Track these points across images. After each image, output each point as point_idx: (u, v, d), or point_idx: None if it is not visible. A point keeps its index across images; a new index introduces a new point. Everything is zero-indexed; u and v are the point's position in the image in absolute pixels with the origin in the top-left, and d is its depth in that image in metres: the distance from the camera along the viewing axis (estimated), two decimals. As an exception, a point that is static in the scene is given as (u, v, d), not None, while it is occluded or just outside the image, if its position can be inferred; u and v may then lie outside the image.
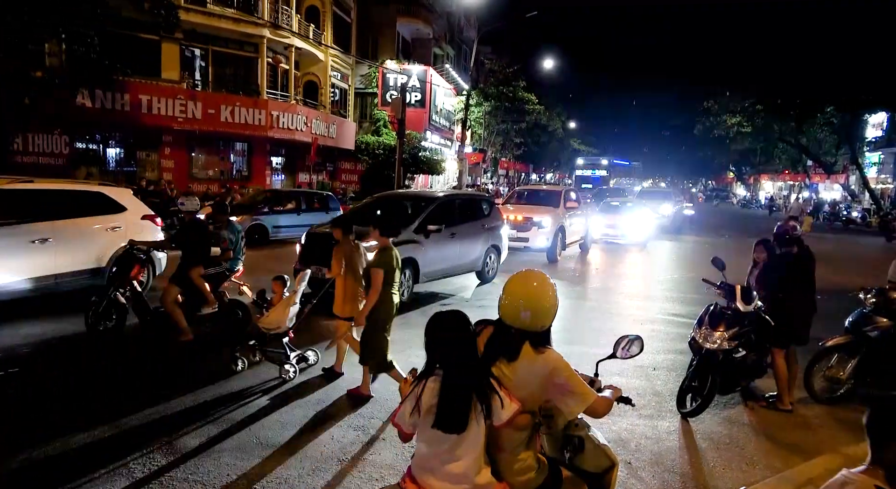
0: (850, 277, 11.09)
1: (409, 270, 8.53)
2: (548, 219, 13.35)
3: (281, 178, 24.62)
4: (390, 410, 4.86)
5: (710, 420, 4.95)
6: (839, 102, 29.92)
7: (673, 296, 10.48)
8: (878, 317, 5.34)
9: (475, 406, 2.06)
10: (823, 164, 42.21)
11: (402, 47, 31.08)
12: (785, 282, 5.24)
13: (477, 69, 34.22)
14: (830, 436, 4.75)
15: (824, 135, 39.66)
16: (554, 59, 38.14)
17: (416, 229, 8.82)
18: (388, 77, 27.18)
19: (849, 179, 42.08)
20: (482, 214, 10.68)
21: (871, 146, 40.60)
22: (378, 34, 29.29)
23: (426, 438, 2.12)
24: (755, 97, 34.39)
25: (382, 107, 27.57)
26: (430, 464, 2.11)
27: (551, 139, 49.41)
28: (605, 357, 2.75)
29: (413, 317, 7.92)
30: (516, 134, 41.67)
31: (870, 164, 40.81)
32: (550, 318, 2.29)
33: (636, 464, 4.15)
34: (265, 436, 4.34)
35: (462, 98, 33.42)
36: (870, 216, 31.40)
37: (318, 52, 24.90)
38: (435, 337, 2.17)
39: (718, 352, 4.87)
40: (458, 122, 35.20)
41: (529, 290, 2.27)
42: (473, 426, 2.06)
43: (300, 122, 22.40)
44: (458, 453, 2.06)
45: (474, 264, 10.31)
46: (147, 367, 5.71)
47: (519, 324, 2.23)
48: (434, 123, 31.55)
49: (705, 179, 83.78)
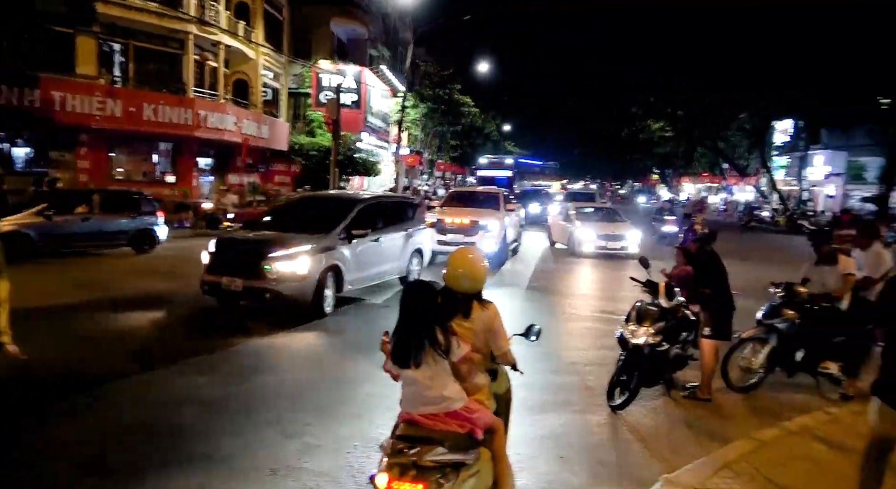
0: (770, 273, 11.89)
1: (331, 279, 8.16)
2: (494, 222, 13.27)
3: (210, 179, 23.70)
4: (325, 416, 4.80)
5: (637, 412, 5.18)
6: (752, 109, 32.17)
7: (603, 295, 10.89)
8: (786, 310, 5.76)
9: (429, 348, 2.68)
10: (738, 167, 45.20)
11: (338, 48, 30.64)
12: (701, 280, 5.56)
13: (413, 71, 34.21)
14: (745, 423, 5.07)
15: (738, 139, 42.39)
16: (489, 62, 38.73)
17: (339, 234, 8.40)
18: (323, 77, 26.73)
19: (760, 181, 45.08)
20: (407, 218, 10.45)
21: (779, 151, 43.85)
22: (312, 34, 28.73)
23: (408, 379, 2.77)
24: (678, 103, 36.34)
25: (317, 107, 27.09)
26: (415, 397, 2.75)
27: (486, 142, 50.14)
28: (516, 333, 3.30)
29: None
30: (452, 136, 42.04)
31: (778, 167, 43.94)
32: (483, 283, 3.10)
33: (568, 458, 4.29)
34: (191, 448, 4.18)
35: (398, 99, 33.35)
36: (778, 215, 33.78)
37: (248, 50, 24.15)
38: (402, 300, 2.82)
39: (644, 347, 5.10)
40: (394, 124, 35.09)
41: (467, 262, 3.08)
42: (432, 363, 2.70)
43: (230, 122, 21.65)
44: (433, 383, 2.71)
45: (399, 269, 10.07)
46: None
47: (461, 288, 3.03)
48: (370, 125, 31.30)
49: (631, 181, 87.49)
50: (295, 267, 7.61)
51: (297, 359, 6.52)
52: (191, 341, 6.85)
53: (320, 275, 7.81)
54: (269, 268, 7.56)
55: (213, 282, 7.83)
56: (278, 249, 7.68)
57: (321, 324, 7.77)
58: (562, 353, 6.87)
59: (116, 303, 8.44)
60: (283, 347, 6.84)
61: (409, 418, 2.77)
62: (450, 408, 2.72)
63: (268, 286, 7.54)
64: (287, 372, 5.95)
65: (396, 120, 33.54)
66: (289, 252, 7.67)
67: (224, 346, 6.60)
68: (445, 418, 2.71)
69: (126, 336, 7.01)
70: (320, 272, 7.81)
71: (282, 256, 7.62)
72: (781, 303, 5.83)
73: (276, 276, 7.55)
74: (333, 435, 4.46)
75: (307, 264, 7.67)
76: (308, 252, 7.74)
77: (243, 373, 5.79)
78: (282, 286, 7.55)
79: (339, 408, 4.99)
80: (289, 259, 7.63)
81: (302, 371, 6.03)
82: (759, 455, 4.22)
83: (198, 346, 6.53)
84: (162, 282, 10.15)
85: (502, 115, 53.64)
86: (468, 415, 2.74)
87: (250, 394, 5.27)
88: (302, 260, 7.66)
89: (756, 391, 5.73)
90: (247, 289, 7.60)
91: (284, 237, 8.01)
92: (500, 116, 52.56)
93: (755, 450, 4.29)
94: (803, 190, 41.31)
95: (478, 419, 2.74)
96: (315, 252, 7.82)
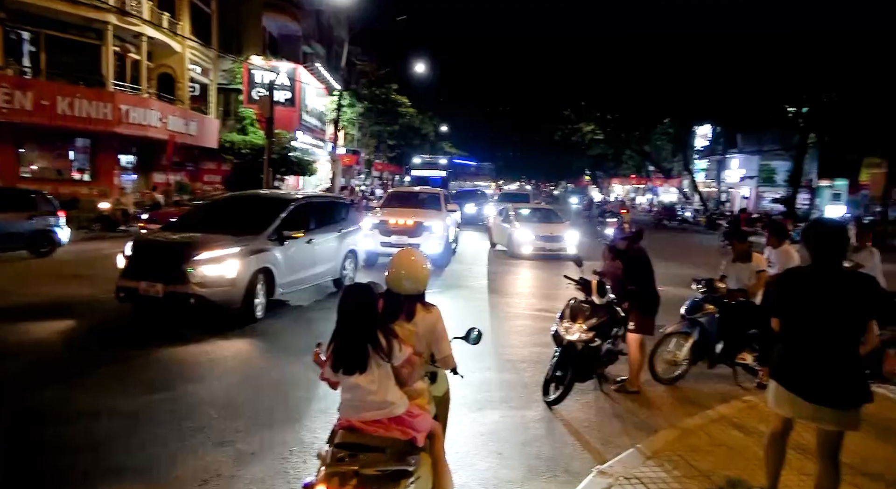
0: (695, 270, 12.56)
1: (262, 283, 7.75)
2: (438, 223, 13.09)
3: (132, 178, 22.47)
4: (258, 422, 4.66)
5: (571, 406, 5.34)
6: (674, 115, 34.01)
7: (541, 293, 11.16)
8: (707, 305, 6.11)
9: (372, 352, 2.64)
10: (663, 170, 47.62)
11: (270, 43, 29.80)
12: (629, 277, 5.80)
13: (349, 69, 33.80)
14: (671, 413, 5.34)
15: (663, 143, 44.61)
16: (426, 63, 38.83)
17: (270, 236, 7.98)
18: (255, 73, 25.90)
19: (682, 183, 47.59)
20: (339, 218, 10.12)
21: (699, 154, 46.51)
22: (242, 28, 27.79)
23: (348, 386, 2.70)
24: (607, 108, 37.82)
25: (248, 104, 26.22)
26: (357, 403, 2.69)
27: (424, 142, 50.22)
28: (456, 336, 3.26)
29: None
30: (390, 136, 41.84)
31: (699, 170, 46.57)
32: (424, 284, 3.05)
33: (506, 454, 4.36)
34: (113, 461, 3.95)
35: (334, 98, 32.84)
36: (699, 215, 35.80)
37: (174, 43, 23.06)
38: (341, 304, 2.75)
39: (578, 343, 5.26)
40: (330, 123, 34.53)
41: (410, 263, 3.03)
42: (375, 367, 2.65)
43: (154, 118, 20.61)
44: (374, 389, 2.66)
45: (333, 272, 9.77)
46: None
47: (403, 289, 2.98)
48: (305, 123, 30.64)
49: (566, 182, 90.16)
50: (222, 270, 7.20)
51: (227, 365, 6.25)
52: (107, 350, 6.44)
53: (250, 279, 7.44)
54: (194, 271, 7.10)
55: (129, 288, 7.26)
56: (203, 252, 7.24)
57: (251, 329, 7.46)
58: (500, 351, 6.98)
59: (18, 312, 7.80)
60: (211, 354, 6.53)
61: (348, 425, 2.69)
62: (393, 414, 2.67)
63: (192, 291, 7.07)
64: (216, 379, 5.73)
65: (332, 119, 33.02)
66: (215, 254, 7.26)
67: (144, 355, 6.26)
68: (388, 424, 2.66)
69: (34, 347, 6.51)
70: (250, 276, 7.44)
71: (207, 259, 7.18)
72: (703, 298, 6.19)
73: (201, 281, 7.10)
74: (267, 441, 4.34)
75: (236, 267, 7.27)
76: (237, 254, 7.36)
77: (168, 381, 5.52)
78: (208, 291, 7.11)
79: (273, 414, 4.86)
80: (215, 262, 7.21)
81: (232, 377, 5.82)
82: (682, 442, 4.45)
83: (116, 356, 6.18)
84: (68, 288, 9.44)
85: (439, 116, 53.92)
86: (411, 420, 2.70)
87: (176, 403, 5.04)
88: (230, 263, 7.27)
89: (681, 382, 6.03)
90: (168, 295, 7.10)
91: (210, 239, 7.54)
92: (438, 117, 52.81)
93: (679, 439, 4.53)
94: (722, 191, 43.99)
95: (420, 424, 2.72)
96: (244, 254, 7.43)
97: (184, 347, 6.61)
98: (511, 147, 77.62)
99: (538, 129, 57.06)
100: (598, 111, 39.27)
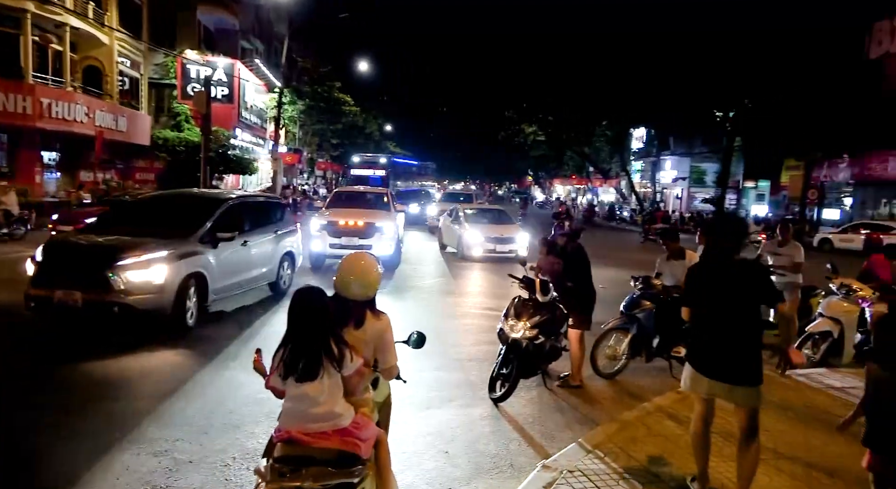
0: (633, 268, 13.02)
1: (194, 288, 7.21)
2: (389, 224, 12.72)
3: (56, 176, 21.14)
4: (196, 430, 4.49)
5: (517, 403, 5.43)
6: (611, 117, 35.25)
7: (489, 293, 11.27)
8: (644, 301, 6.36)
9: (325, 361, 2.54)
10: (602, 171, 49.19)
11: (205, 38, 28.71)
12: (568, 273, 5.96)
13: (289, 66, 33.03)
14: (611, 406, 5.53)
15: (602, 145, 46.06)
16: (370, 61, 38.49)
17: (202, 238, 7.44)
18: (190, 68, 24.92)
19: (620, 184, 49.30)
20: (275, 219, 9.62)
21: (636, 156, 48.36)
22: (176, 21, 26.61)
23: (295, 395, 2.57)
24: (548, 110, 38.69)
25: (183, 100, 25.20)
26: (301, 414, 2.56)
27: (368, 141, 49.76)
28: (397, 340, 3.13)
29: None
30: (333, 134, 41.19)
31: (635, 171, 48.37)
32: (375, 289, 2.96)
33: (453, 452, 4.39)
34: (40, 477, 3.71)
35: (274, 95, 32.03)
36: (636, 215, 37.21)
37: (100, 34, 21.83)
38: (292, 308, 2.63)
39: (523, 341, 5.36)
40: (271, 121, 33.67)
41: (358, 268, 2.92)
42: (326, 376, 2.54)
43: (80, 112, 19.44)
44: (322, 399, 2.55)
45: (269, 275, 9.24)
46: None
47: (352, 294, 2.88)
48: (244, 120, 29.75)
49: (509, 182, 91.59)
50: (149, 276, 6.64)
51: (159, 375, 5.91)
52: (26, 364, 5.95)
53: (180, 285, 6.91)
54: (117, 277, 6.49)
55: (42, 297, 6.58)
56: (128, 256, 6.62)
57: (183, 338, 6.94)
58: (447, 350, 7.01)
59: None
60: (143, 365, 6.17)
61: (287, 437, 2.55)
62: (339, 426, 2.57)
63: (116, 299, 6.48)
64: (149, 389, 5.47)
65: (273, 116, 32.23)
66: (141, 258, 6.66)
67: (69, 369, 5.83)
68: (333, 435, 2.55)
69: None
70: (180, 281, 6.91)
71: (133, 264, 6.58)
72: (640, 295, 6.43)
73: (125, 288, 6.51)
74: (207, 449, 4.19)
75: (164, 272, 6.73)
76: (165, 258, 6.81)
77: (97, 394, 5.21)
78: (134, 299, 6.53)
79: (212, 421, 4.69)
80: (142, 267, 6.62)
81: (166, 386, 5.54)
82: (622, 435, 4.61)
83: (38, 371, 5.72)
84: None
85: (384, 115, 53.60)
86: (356, 431, 2.61)
87: (108, 414, 4.78)
88: (158, 268, 6.70)
89: (621, 376, 6.25)
90: (89, 304, 6.47)
91: (135, 242, 6.90)
92: (382, 116, 52.49)
93: (619, 431, 4.69)
94: (657, 192, 45.88)
95: (365, 435, 2.64)
96: (174, 258, 6.90)
97: (112, 360, 6.14)
98: (456, 147, 78.06)
99: (483, 129, 57.74)
100: (539, 113, 40.11)
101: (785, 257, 7.55)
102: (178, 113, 25.87)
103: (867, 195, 28.20)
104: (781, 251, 7.63)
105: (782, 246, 7.71)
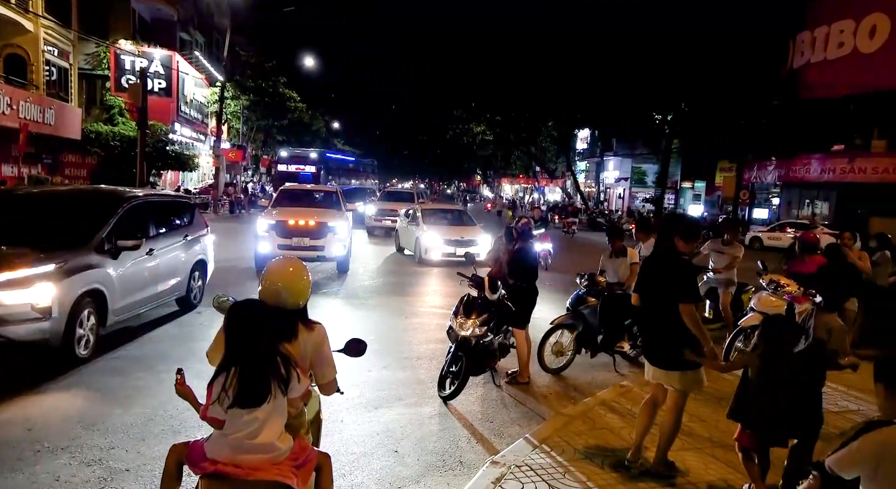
0: (580, 266, 13.33)
1: (90, 309, 5.85)
2: (342, 223, 12.08)
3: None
4: (132, 437, 4.29)
5: (466, 400, 5.46)
6: (556, 118, 36.08)
7: (434, 290, 11.27)
8: (589, 298, 6.54)
9: (273, 383, 2.30)
10: (548, 170, 50.17)
11: (141, 28, 27.40)
12: (513, 272, 6.05)
13: (232, 60, 32.01)
14: (557, 401, 5.66)
15: (548, 145, 46.98)
16: (317, 58, 37.79)
17: (100, 246, 6.11)
18: (124, 59, 23.75)
19: (566, 183, 50.43)
20: (183, 222, 8.24)
21: (581, 156, 49.64)
22: (109, 9, 25.31)
23: (236, 423, 2.27)
24: (495, 109, 39.14)
25: (117, 92, 24.00)
26: (235, 443, 2.27)
27: (315, 138, 48.87)
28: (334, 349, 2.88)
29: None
30: (278, 131, 40.21)
31: (580, 171, 49.66)
32: (305, 298, 2.72)
33: (402, 451, 4.37)
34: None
35: (216, 89, 30.99)
36: (581, 214, 38.15)
37: (24, 20, 20.49)
38: (232, 326, 2.36)
39: (472, 338, 5.40)
40: (212, 116, 32.55)
41: (286, 274, 2.68)
42: (272, 401, 2.29)
43: (2, 104, 18.22)
44: (264, 428, 2.28)
45: (178, 288, 7.85)
46: None
47: (279, 303, 2.59)
48: (184, 115, 28.62)
49: (458, 181, 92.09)
50: (30, 297, 5.23)
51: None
52: None
53: (73, 306, 5.56)
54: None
55: None
56: (1, 272, 5.24)
57: (78, 372, 5.54)
58: (397, 349, 6.98)
59: None
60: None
61: (214, 471, 2.26)
62: (278, 460, 2.32)
63: None
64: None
65: (215, 111, 31.16)
66: (18, 275, 5.26)
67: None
68: (269, 467, 2.29)
69: None
70: (73, 301, 5.56)
71: (6, 282, 5.18)
72: (585, 291, 6.60)
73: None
74: (143, 456, 4.01)
75: (51, 293, 5.33)
76: (51, 274, 5.41)
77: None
78: (9, 329, 5.15)
79: (148, 427, 4.50)
80: (19, 286, 5.23)
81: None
82: (568, 429, 4.72)
83: None
84: None
85: (331, 113, 52.77)
86: (296, 464, 2.37)
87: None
88: (42, 286, 5.30)
89: (567, 371, 6.40)
90: None
91: (10, 253, 5.53)
92: (329, 114, 51.66)
93: (565, 425, 4.80)
94: (601, 191, 47.24)
95: (305, 467, 2.40)
96: (63, 273, 5.51)
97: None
98: (405, 146, 77.75)
99: (431, 128, 57.74)
100: (487, 113, 40.50)
101: (728, 256, 7.92)
102: (111, 106, 24.64)
103: (792, 196, 29.98)
104: (725, 250, 8.00)
105: (727, 244, 8.08)
